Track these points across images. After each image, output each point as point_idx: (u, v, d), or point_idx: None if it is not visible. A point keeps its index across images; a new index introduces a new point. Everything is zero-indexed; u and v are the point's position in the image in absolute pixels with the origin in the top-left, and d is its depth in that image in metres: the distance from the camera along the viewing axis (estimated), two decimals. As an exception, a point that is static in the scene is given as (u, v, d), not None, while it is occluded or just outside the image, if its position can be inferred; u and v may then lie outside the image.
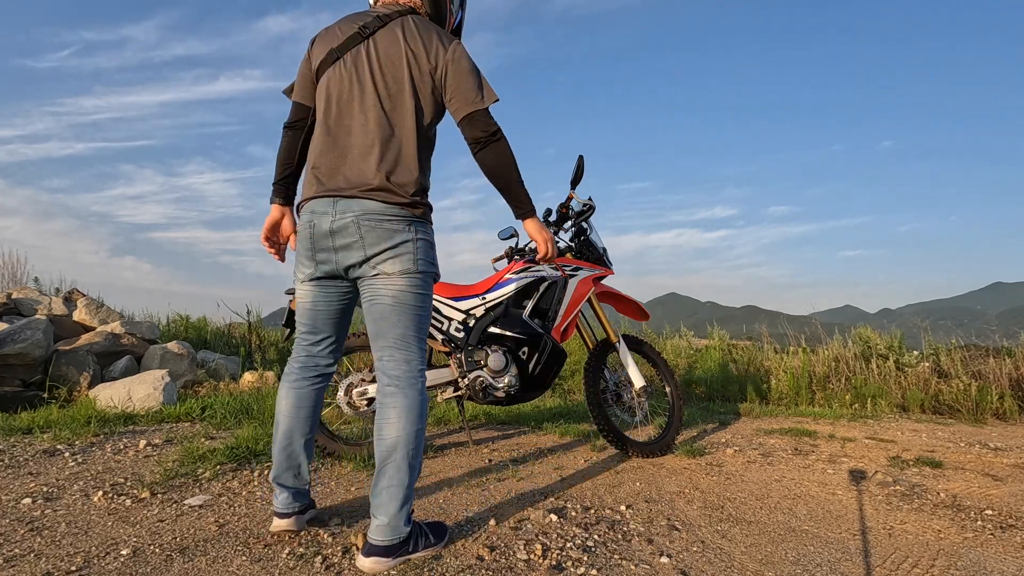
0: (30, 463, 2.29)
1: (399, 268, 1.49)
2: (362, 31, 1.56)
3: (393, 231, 1.48)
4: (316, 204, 1.51)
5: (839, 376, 5.26)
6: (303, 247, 1.55)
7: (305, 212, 1.54)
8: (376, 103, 1.51)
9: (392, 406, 1.48)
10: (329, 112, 1.54)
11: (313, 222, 1.50)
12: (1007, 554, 1.74)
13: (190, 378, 4.19)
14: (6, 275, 5.78)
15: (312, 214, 1.51)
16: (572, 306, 2.75)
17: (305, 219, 1.53)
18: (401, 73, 1.51)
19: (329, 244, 1.50)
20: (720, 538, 1.79)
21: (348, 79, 1.53)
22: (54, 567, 1.42)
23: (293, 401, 1.63)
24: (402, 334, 1.51)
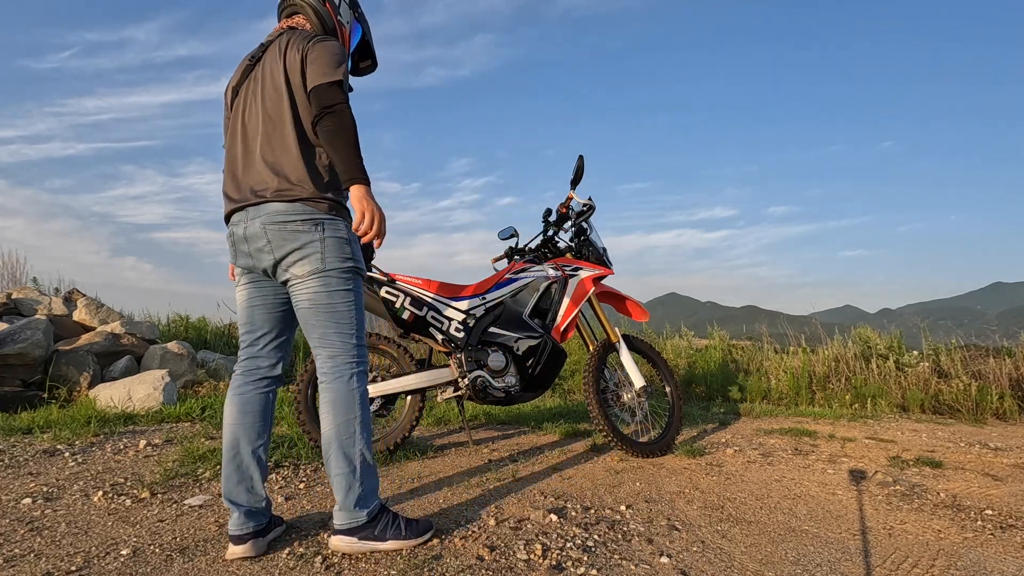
0: (30, 463, 2.29)
1: (308, 269, 1.54)
2: (251, 60, 1.68)
3: (297, 232, 1.52)
4: (231, 222, 1.62)
5: (839, 376, 5.26)
6: (232, 254, 1.66)
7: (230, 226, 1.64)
8: (264, 120, 1.58)
9: (324, 401, 1.57)
10: (232, 140, 1.64)
11: (232, 239, 1.62)
12: (1007, 554, 1.74)
13: (190, 378, 4.19)
14: (6, 275, 5.78)
15: (230, 233, 1.63)
16: (572, 306, 2.75)
17: (228, 231, 1.64)
18: (279, 82, 1.57)
19: (248, 250, 1.59)
20: (720, 538, 1.79)
21: (245, 108, 1.63)
22: (54, 567, 1.42)
23: (237, 407, 1.60)
24: (322, 333, 1.57)
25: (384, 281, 2.57)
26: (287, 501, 1.95)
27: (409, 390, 2.53)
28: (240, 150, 1.61)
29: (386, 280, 2.58)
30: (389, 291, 2.52)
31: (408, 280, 2.63)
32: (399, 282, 2.60)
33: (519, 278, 2.71)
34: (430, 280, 2.66)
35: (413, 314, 2.53)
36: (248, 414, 1.61)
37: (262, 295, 1.65)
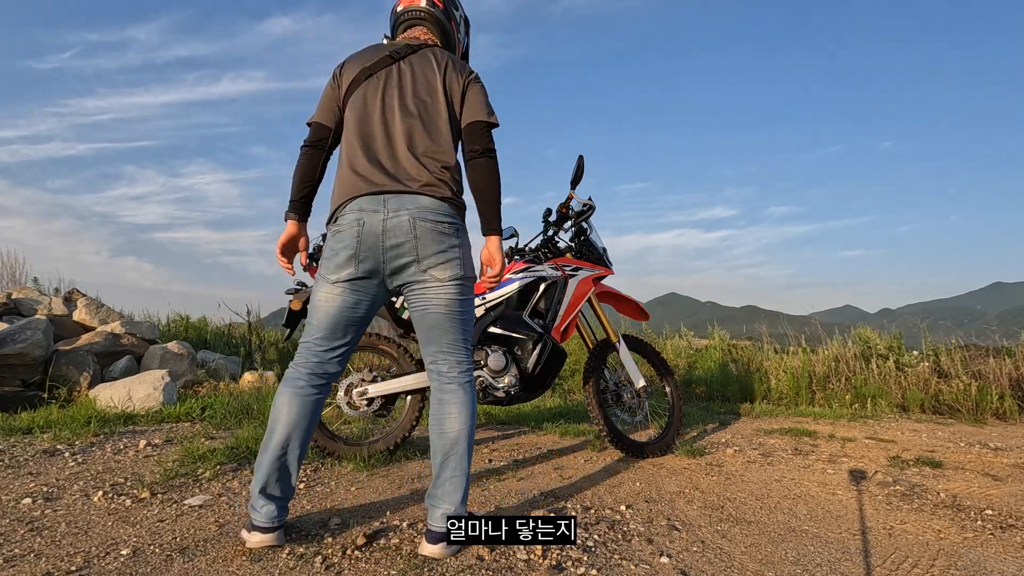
0: (30, 463, 2.29)
1: (449, 274, 1.55)
2: (393, 55, 1.68)
3: (444, 235, 1.54)
4: (364, 202, 1.52)
5: (839, 376, 5.26)
6: (345, 244, 1.52)
7: (351, 211, 1.53)
8: (415, 111, 1.61)
9: (453, 403, 1.58)
10: (367, 120, 1.60)
11: (363, 220, 1.51)
12: (1007, 554, 1.74)
13: (190, 378, 4.19)
14: (6, 275, 5.78)
15: (358, 211, 1.52)
16: (572, 306, 2.75)
17: (352, 217, 1.52)
18: (436, 86, 1.64)
19: (381, 242, 1.51)
20: (720, 538, 1.79)
21: (386, 92, 1.63)
22: (54, 567, 1.42)
23: (297, 410, 1.56)
24: (453, 339, 1.60)
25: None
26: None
27: (409, 390, 2.53)
28: (381, 135, 1.59)
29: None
30: (389, 291, 2.52)
31: (408, 280, 2.63)
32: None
33: (519, 278, 2.71)
34: (430, 280, 2.66)
35: (413, 314, 2.52)
36: (306, 418, 1.58)
37: (355, 301, 1.56)
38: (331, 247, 1.56)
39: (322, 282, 1.57)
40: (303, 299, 2.53)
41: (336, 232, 1.55)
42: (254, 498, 1.54)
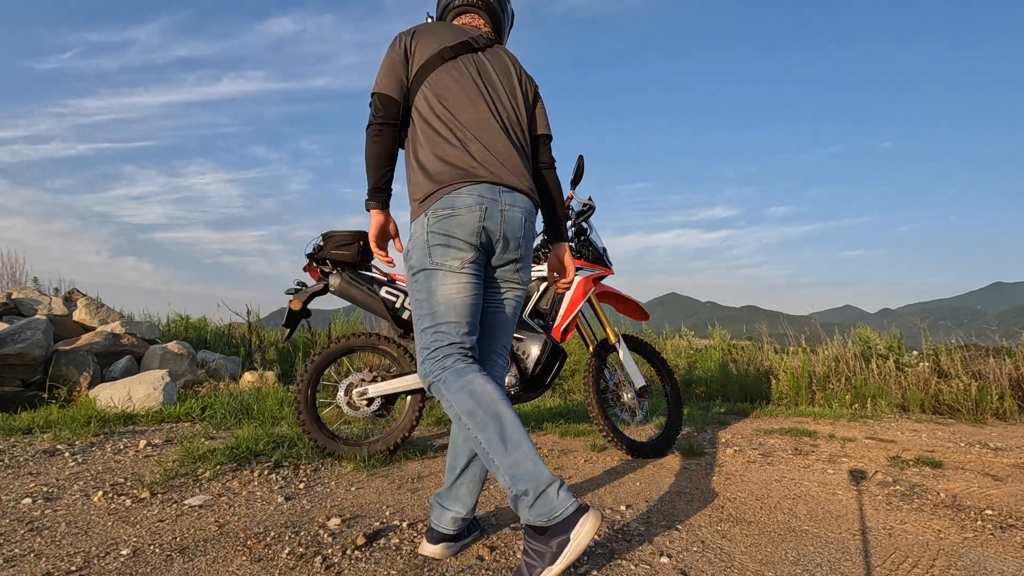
0: (30, 463, 2.29)
1: (525, 278, 1.57)
2: (473, 42, 1.61)
3: (533, 240, 1.54)
4: (484, 189, 1.43)
5: (839, 376, 5.26)
6: (466, 231, 1.41)
7: (469, 195, 1.42)
8: (510, 109, 1.58)
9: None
10: (468, 106, 1.51)
11: (485, 207, 1.42)
12: (1007, 554, 1.74)
13: (190, 378, 4.19)
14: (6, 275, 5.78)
15: (479, 198, 1.42)
16: (572, 306, 2.75)
17: (472, 201, 1.41)
18: (517, 89, 1.63)
19: (497, 233, 1.45)
20: (720, 538, 1.78)
21: (482, 80, 1.56)
22: (54, 567, 1.42)
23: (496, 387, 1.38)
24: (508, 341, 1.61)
25: (384, 281, 2.57)
26: (287, 501, 1.95)
27: (409, 390, 2.53)
28: (488, 125, 1.51)
29: (386, 280, 2.58)
30: (389, 291, 2.52)
31: (408, 280, 2.63)
32: (399, 282, 2.60)
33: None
34: (430, 280, 2.66)
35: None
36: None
37: (478, 288, 1.47)
38: (444, 231, 1.41)
39: (444, 272, 1.42)
40: (303, 299, 2.53)
41: (450, 216, 1.41)
42: (539, 496, 1.23)
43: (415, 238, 1.46)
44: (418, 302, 1.46)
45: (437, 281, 1.42)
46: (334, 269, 2.55)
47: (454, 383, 1.36)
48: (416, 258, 1.45)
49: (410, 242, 1.48)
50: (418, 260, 1.45)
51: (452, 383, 1.37)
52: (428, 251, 1.43)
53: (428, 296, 1.43)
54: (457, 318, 1.42)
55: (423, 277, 1.44)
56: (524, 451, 1.28)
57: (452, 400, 1.36)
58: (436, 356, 1.41)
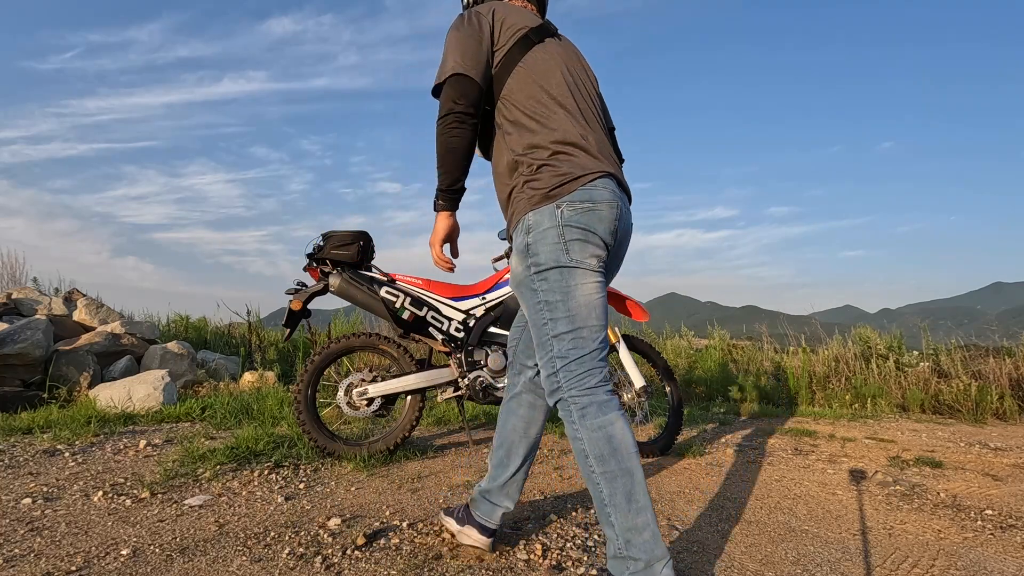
0: (30, 463, 2.29)
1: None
2: (548, 28, 1.48)
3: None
4: (612, 183, 1.32)
5: (839, 376, 5.26)
6: (604, 227, 1.29)
7: (603, 188, 1.29)
8: (596, 99, 1.47)
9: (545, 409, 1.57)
10: (569, 93, 1.38)
11: (618, 202, 1.31)
12: (1007, 554, 1.74)
13: (190, 378, 4.19)
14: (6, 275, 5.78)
15: (613, 193, 1.31)
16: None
17: (609, 196, 1.29)
18: (594, 80, 1.53)
19: (623, 230, 1.34)
20: (720, 538, 1.78)
21: (567, 66, 1.43)
22: (54, 567, 1.42)
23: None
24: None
25: (384, 281, 2.57)
26: (287, 501, 1.95)
27: (409, 390, 2.53)
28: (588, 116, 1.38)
29: (386, 280, 2.58)
30: (389, 291, 2.52)
31: (408, 280, 2.63)
32: (399, 282, 2.60)
33: (519, 278, 2.71)
34: (430, 280, 2.67)
35: (413, 314, 2.53)
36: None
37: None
38: (583, 225, 1.27)
39: (584, 271, 1.29)
40: (303, 299, 2.53)
41: (590, 209, 1.27)
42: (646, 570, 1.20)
43: (542, 231, 1.28)
44: (548, 304, 1.30)
45: (576, 280, 1.28)
46: (334, 269, 2.55)
47: (593, 417, 1.26)
48: (547, 254, 1.28)
49: (531, 235, 1.30)
50: (550, 257, 1.28)
51: (591, 416, 1.26)
52: (565, 246, 1.27)
53: (565, 297, 1.28)
54: (597, 321, 1.31)
55: (556, 275, 1.28)
56: (647, 518, 1.22)
57: (584, 436, 1.26)
58: (575, 371, 1.28)
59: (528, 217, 1.31)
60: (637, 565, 1.20)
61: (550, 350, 1.31)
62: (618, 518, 1.23)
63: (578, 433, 1.28)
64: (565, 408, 1.30)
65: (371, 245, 2.62)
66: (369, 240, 2.60)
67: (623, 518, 1.22)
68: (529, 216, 1.31)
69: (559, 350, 1.29)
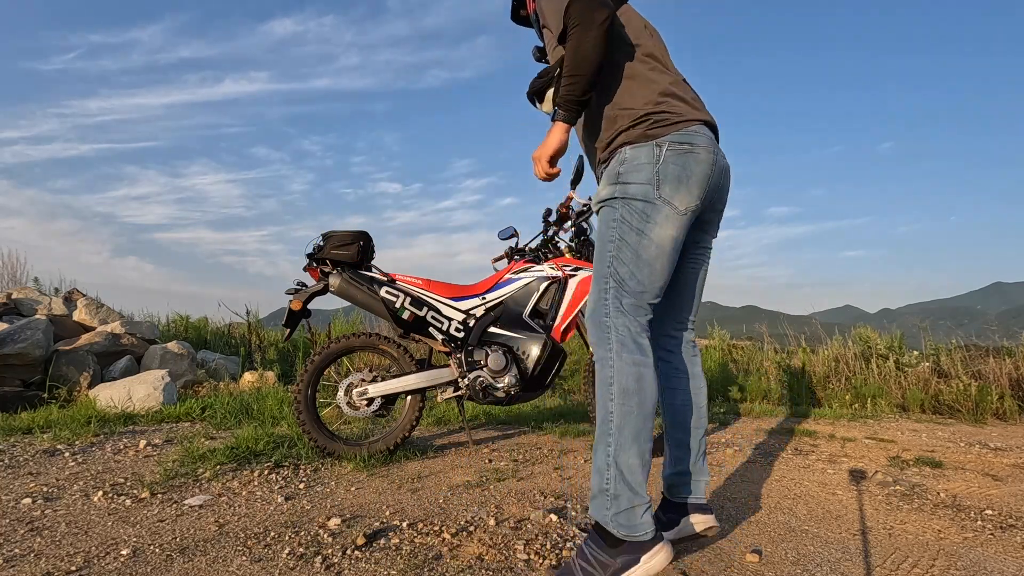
0: (30, 463, 2.29)
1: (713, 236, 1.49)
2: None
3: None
4: (709, 131, 1.34)
5: (839, 376, 5.26)
6: (701, 171, 1.28)
7: (704, 135, 1.31)
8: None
9: (701, 376, 1.56)
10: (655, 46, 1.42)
11: (714, 151, 1.32)
12: (1007, 554, 1.74)
13: (190, 378, 4.19)
14: (6, 275, 5.78)
15: (710, 139, 1.32)
16: (572, 306, 2.75)
17: (707, 143, 1.30)
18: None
19: (718, 174, 1.34)
20: (720, 538, 1.78)
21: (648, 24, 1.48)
22: (54, 567, 1.42)
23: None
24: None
25: (384, 281, 2.57)
26: (287, 501, 1.95)
27: (409, 390, 2.53)
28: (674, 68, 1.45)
29: (386, 280, 2.58)
30: (389, 291, 2.53)
31: (408, 280, 2.63)
32: (399, 282, 2.60)
33: (519, 278, 2.71)
34: (430, 280, 2.67)
35: (413, 314, 2.53)
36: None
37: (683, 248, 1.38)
38: (681, 166, 1.26)
39: (671, 215, 1.25)
40: (303, 299, 2.53)
41: (689, 152, 1.27)
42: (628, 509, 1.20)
43: (639, 163, 1.27)
44: (621, 231, 1.27)
45: (659, 219, 1.25)
46: (334, 269, 2.55)
47: (631, 353, 1.25)
48: (638, 187, 1.26)
49: (624, 165, 1.29)
50: (641, 190, 1.26)
51: (629, 351, 1.25)
52: (657, 183, 1.25)
53: (641, 234, 1.26)
54: (662, 269, 1.28)
55: (641, 209, 1.26)
56: (643, 462, 1.23)
57: (616, 365, 1.25)
58: (626, 300, 1.27)
59: (625, 150, 1.31)
60: (621, 504, 1.21)
61: (608, 274, 1.30)
62: (617, 450, 1.24)
63: (611, 361, 1.26)
64: (604, 334, 1.28)
65: (371, 245, 2.63)
66: (369, 240, 2.60)
67: (623, 453, 1.24)
68: (627, 150, 1.31)
69: (617, 276, 1.29)
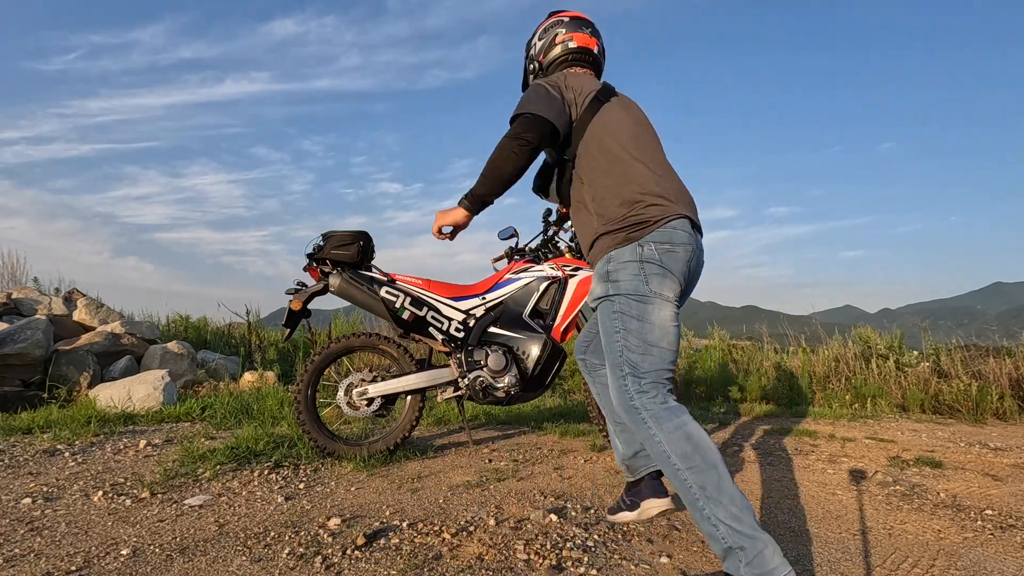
0: (30, 463, 2.29)
1: None
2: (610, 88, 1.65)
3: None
4: (687, 224, 1.45)
5: (839, 376, 5.26)
6: (680, 267, 1.42)
7: (682, 230, 1.44)
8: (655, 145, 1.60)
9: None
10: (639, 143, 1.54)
11: (694, 246, 1.46)
12: (1007, 554, 1.74)
13: (190, 378, 4.19)
14: (6, 275, 5.78)
15: (689, 235, 1.45)
16: (572, 306, 2.75)
17: (687, 239, 1.43)
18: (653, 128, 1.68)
19: (695, 267, 1.48)
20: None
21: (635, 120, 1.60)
22: (54, 567, 1.42)
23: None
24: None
25: (384, 281, 2.57)
26: (287, 501, 1.95)
27: (409, 390, 2.53)
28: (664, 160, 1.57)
29: (386, 280, 2.58)
30: (389, 291, 2.53)
31: (408, 280, 2.63)
32: (399, 282, 2.60)
33: (519, 278, 2.71)
34: (430, 280, 2.67)
35: (413, 314, 2.53)
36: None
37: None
38: (663, 264, 1.40)
39: (663, 303, 1.40)
40: (303, 299, 2.53)
41: (669, 251, 1.41)
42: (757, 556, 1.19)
43: (624, 261, 1.42)
44: (624, 323, 1.40)
45: (653, 307, 1.39)
46: (334, 269, 2.55)
47: (668, 420, 1.33)
48: (628, 284, 1.40)
49: (612, 264, 1.44)
50: (631, 285, 1.40)
51: (665, 420, 1.33)
52: (645, 279, 1.40)
53: (642, 320, 1.39)
54: (669, 346, 1.39)
55: (636, 301, 1.40)
56: (744, 505, 1.25)
57: (663, 438, 1.32)
58: (644, 380, 1.37)
59: (611, 253, 1.45)
60: (748, 554, 1.21)
61: (621, 364, 1.40)
62: (716, 510, 1.25)
63: (656, 437, 1.33)
64: (637, 416, 1.37)
65: (371, 245, 2.62)
66: (369, 240, 2.60)
67: (722, 510, 1.24)
68: (612, 252, 1.45)
69: (631, 363, 1.38)
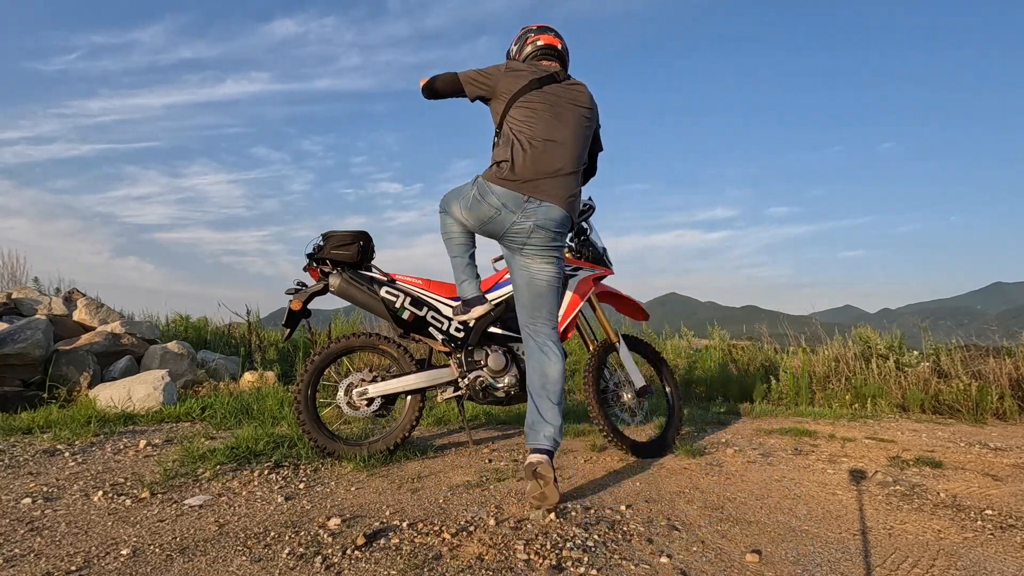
0: (30, 463, 2.29)
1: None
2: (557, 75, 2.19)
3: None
4: (508, 196, 2.07)
5: (839, 376, 5.26)
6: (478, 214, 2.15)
7: (499, 195, 2.07)
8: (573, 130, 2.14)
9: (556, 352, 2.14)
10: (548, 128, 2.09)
11: (499, 208, 2.09)
12: (1007, 554, 1.74)
13: (190, 378, 4.19)
14: (6, 275, 5.77)
15: (526, 205, 2.09)
16: (572, 306, 2.75)
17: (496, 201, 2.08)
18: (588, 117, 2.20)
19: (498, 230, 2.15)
20: (720, 538, 1.78)
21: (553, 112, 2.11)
22: (54, 567, 1.42)
23: None
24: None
25: (384, 281, 2.57)
26: (287, 501, 1.95)
27: (409, 390, 2.53)
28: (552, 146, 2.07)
29: (386, 280, 2.58)
30: (389, 291, 2.52)
31: (408, 280, 2.63)
32: (399, 282, 2.60)
33: (519, 278, 2.70)
34: (430, 280, 2.66)
35: (413, 314, 2.53)
36: None
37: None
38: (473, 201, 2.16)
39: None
40: (303, 299, 2.53)
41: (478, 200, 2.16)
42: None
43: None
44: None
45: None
46: (334, 269, 2.55)
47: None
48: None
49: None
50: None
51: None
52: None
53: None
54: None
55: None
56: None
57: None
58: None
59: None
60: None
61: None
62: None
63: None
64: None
65: (371, 245, 2.62)
66: (369, 240, 2.60)
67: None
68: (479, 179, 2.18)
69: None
